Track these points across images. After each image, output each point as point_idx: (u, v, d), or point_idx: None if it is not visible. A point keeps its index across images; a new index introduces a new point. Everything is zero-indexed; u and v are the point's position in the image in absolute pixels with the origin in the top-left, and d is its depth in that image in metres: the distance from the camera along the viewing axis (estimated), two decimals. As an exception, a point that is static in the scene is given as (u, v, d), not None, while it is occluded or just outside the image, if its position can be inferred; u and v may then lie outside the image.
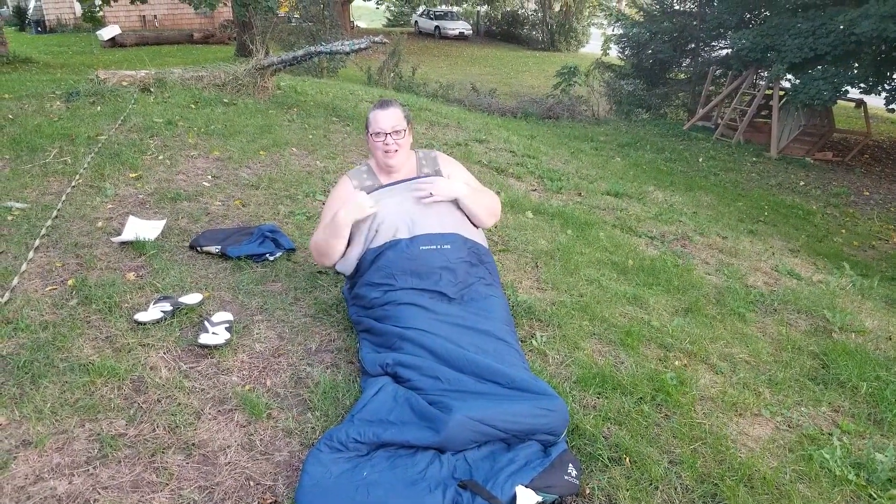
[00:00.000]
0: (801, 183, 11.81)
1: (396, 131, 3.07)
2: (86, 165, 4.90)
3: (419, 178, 3.19)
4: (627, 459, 2.35)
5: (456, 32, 37.74)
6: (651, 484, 2.25)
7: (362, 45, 8.30)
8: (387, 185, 3.16)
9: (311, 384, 2.65)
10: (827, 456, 2.51)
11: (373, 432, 2.21)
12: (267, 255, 3.75)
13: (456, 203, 3.15)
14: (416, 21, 40.41)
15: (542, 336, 3.19)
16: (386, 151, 3.10)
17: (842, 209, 10.49)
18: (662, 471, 2.31)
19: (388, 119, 3.07)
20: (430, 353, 2.61)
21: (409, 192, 3.11)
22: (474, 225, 3.22)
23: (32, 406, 2.35)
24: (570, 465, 2.16)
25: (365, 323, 2.91)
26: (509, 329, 2.90)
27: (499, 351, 2.67)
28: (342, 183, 3.23)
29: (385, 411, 2.35)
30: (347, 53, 8.58)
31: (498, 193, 5.62)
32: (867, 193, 11.62)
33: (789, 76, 14.23)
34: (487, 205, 3.24)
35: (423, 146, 7.12)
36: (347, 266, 3.12)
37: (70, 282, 3.24)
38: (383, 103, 3.14)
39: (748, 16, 16.39)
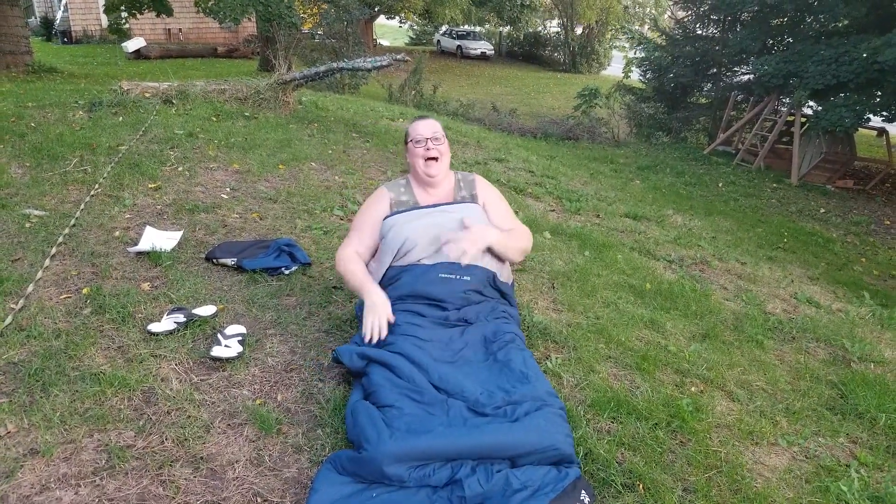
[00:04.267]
0: (822, 210, 11.71)
1: (436, 137, 3.17)
2: (105, 175, 4.93)
3: (455, 203, 3.19)
4: (641, 486, 2.31)
5: (478, 52, 37.93)
6: (664, 512, 2.21)
7: (384, 63, 8.34)
8: (424, 208, 3.16)
9: (323, 400, 2.63)
10: (844, 488, 2.46)
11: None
12: (282, 268, 3.74)
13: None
14: (438, 40, 40.66)
15: (557, 358, 3.15)
16: (426, 159, 3.15)
17: (862, 238, 10.38)
18: (676, 499, 2.27)
19: (428, 126, 3.20)
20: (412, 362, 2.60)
21: (441, 216, 3.10)
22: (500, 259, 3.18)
23: (42, 414, 2.34)
24: (584, 491, 2.12)
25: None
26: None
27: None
28: (379, 192, 3.27)
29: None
30: (369, 70, 8.64)
31: (516, 213, 5.60)
32: (888, 223, 11.50)
33: (811, 103, 14.17)
34: (518, 247, 3.21)
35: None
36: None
37: (85, 290, 3.25)
38: (421, 117, 3.31)
39: (771, 42, 16.34)
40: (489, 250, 3.08)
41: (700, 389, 3.10)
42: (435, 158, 3.16)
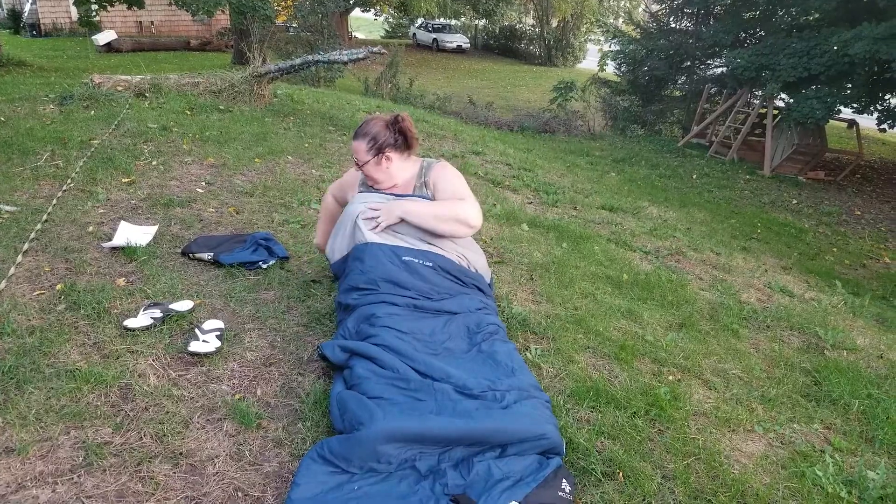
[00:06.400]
0: (794, 201, 11.85)
1: (361, 163, 3.19)
2: (78, 169, 4.86)
3: (413, 195, 3.20)
4: (621, 474, 2.33)
5: (454, 45, 37.87)
6: (644, 499, 2.23)
7: (360, 56, 8.30)
8: (382, 192, 3.23)
9: (303, 394, 2.62)
10: (819, 473, 2.49)
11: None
12: (260, 262, 3.72)
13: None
14: (414, 33, 40.53)
15: (536, 349, 3.17)
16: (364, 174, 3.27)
17: (833, 228, 10.53)
18: (656, 486, 2.29)
19: (354, 151, 3.20)
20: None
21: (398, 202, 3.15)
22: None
23: (17, 412, 2.31)
24: (564, 480, 2.13)
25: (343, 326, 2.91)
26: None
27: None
28: (348, 172, 3.49)
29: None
30: (345, 63, 8.59)
31: (494, 206, 5.62)
32: (858, 213, 11.66)
33: (783, 95, 14.33)
34: (442, 214, 3.09)
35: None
36: (335, 255, 3.23)
37: (59, 286, 3.20)
38: (355, 133, 3.23)
39: (743, 35, 16.50)
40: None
41: (677, 378, 3.13)
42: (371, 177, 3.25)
